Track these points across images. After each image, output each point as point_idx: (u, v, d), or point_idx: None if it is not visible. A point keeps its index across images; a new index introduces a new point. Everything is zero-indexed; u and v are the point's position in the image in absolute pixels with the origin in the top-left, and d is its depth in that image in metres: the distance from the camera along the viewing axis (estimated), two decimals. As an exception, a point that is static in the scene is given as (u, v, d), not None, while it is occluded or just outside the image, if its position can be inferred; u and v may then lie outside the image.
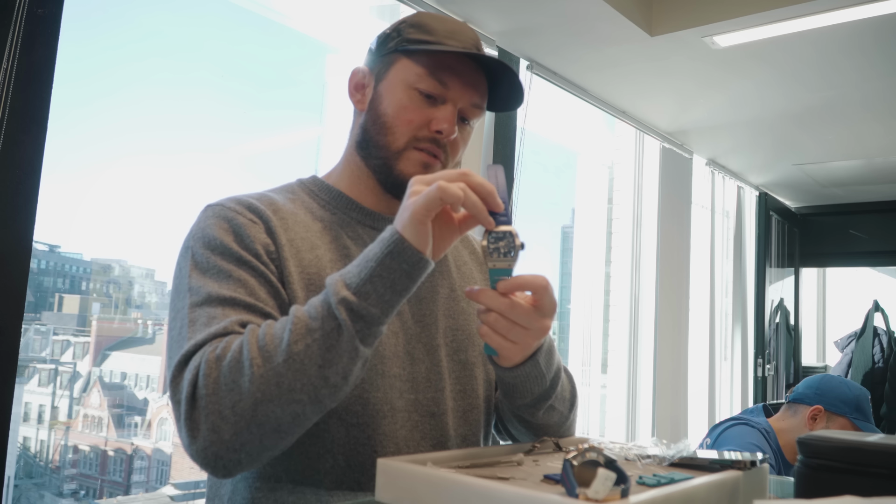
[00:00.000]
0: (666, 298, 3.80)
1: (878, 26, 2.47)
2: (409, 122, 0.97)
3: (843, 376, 4.69)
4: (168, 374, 0.81)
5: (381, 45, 1.02)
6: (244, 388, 0.75)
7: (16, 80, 1.44)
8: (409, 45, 0.98)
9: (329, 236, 0.97)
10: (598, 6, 2.43)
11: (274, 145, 2.30)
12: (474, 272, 1.12)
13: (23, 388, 2.39)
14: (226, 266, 0.87)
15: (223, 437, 0.75)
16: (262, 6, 2.41)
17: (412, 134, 0.97)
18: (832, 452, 0.73)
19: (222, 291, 0.85)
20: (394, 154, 0.97)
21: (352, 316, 0.77)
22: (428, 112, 0.97)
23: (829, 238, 5.42)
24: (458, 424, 1.00)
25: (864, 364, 4.69)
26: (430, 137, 0.97)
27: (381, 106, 0.99)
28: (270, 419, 0.76)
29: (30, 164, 1.47)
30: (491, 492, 0.65)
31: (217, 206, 0.94)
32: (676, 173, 3.96)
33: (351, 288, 0.77)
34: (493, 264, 0.80)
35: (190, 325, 0.83)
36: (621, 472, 0.62)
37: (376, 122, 0.99)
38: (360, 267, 0.79)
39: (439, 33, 0.98)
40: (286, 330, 0.77)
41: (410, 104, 0.97)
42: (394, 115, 0.97)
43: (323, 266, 0.93)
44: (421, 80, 0.96)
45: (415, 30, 0.99)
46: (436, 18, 1.01)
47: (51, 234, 2.08)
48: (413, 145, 0.97)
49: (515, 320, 0.81)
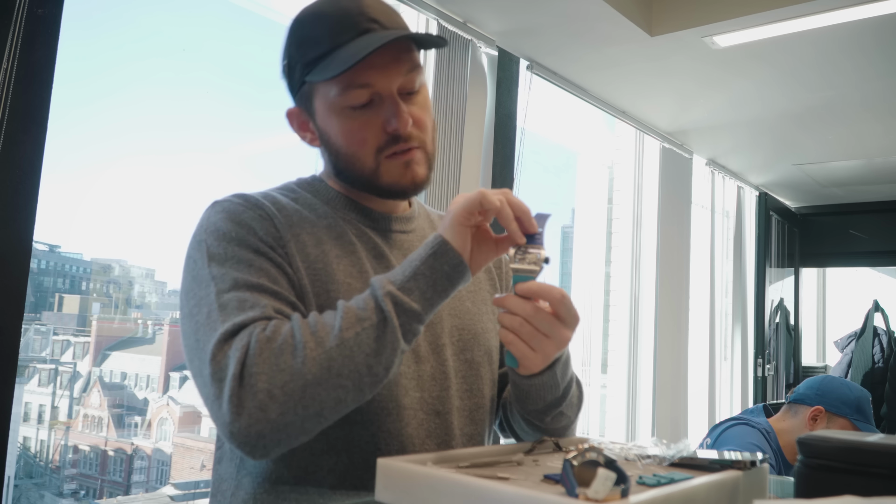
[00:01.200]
0: (666, 298, 3.80)
1: (878, 26, 2.47)
2: (364, 142, 0.94)
3: (843, 376, 4.70)
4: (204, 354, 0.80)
5: (289, 80, 0.98)
6: (296, 368, 0.77)
7: (16, 80, 1.44)
8: (309, 70, 0.93)
9: (334, 232, 0.96)
10: (598, 6, 2.43)
11: (274, 145, 2.30)
12: (480, 274, 1.11)
13: (23, 388, 2.39)
14: (245, 255, 0.87)
15: (270, 415, 0.76)
16: (262, 6, 2.41)
17: (374, 148, 0.94)
18: (832, 452, 0.73)
19: (249, 278, 0.85)
20: (370, 174, 0.95)
21: (397, 309, 0.80)
22: (372, 120, 0.93)
23: (829, 238, 5.43)
24: (463, 423, 1.00)
25: (864, 364, 4.69)
26: (391, 138, 0.94)
27: (331, 140, 0.96)
28: (316, 402, 0.78)
29: (30, 164, 1.47)
30: (491, 492, 0.65)
31: (225, 202, 0.93)
32: (676, 173, 3.96)
33: (396, 284, 0.81)
34: (517, 268, 0.84)
35: (220, 309, 0.82)
36: (621, 472, 0.62)
37: (339, 158, 0.96)
38: (405, 267, 0.83)
39: (327, 35, 0.92)
40: (337, 318, 0.80)
41: (352, 124, 0.93)
42: (346, 142, 0.94)
43: (329, 261, 0.93)
44: (344, 98, 0.92)
45: (305, 49, 0.93)
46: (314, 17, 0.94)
47: (51, 234, 2.08)
48: (383, 156, 0.94)
49: (538, 327, 0.83)
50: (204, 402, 0.82)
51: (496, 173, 2.72)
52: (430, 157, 0.98)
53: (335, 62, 0.89)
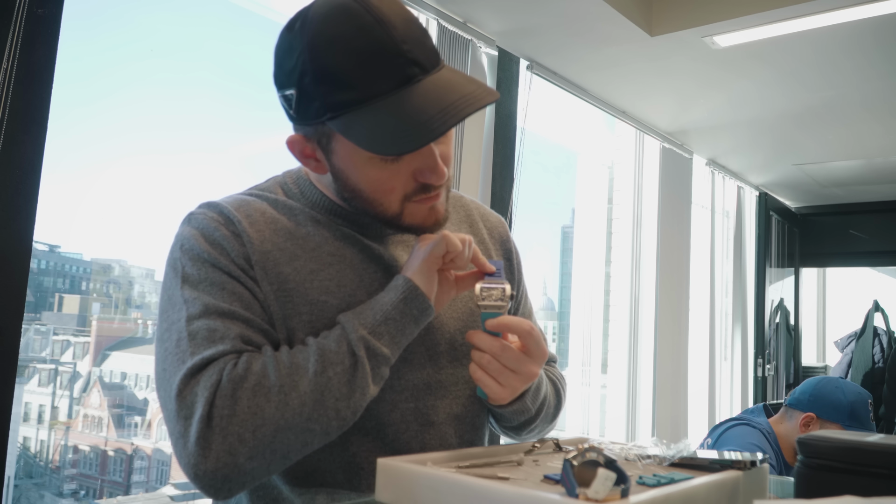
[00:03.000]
0: (666, 298, 3.80)
1: (878, 26, 2.47)
2: (392, 191, 0.86)
3: (843, 376, 4.70)
4: (170, 387, 0.78)
5: (301, 110, 0.83)
6: (269, 413, 0.75)
7: (16, 80, 1.44)
8: (336, 114, 0.80)
9: (312, 243, 0.91)
10: (598, 6, 2.43)
11: (274, 145, 2.30)
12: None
13: (23, 388, 2.39)
14: (218, 278, 0.84)
15: (238, 460, 0.74)
16: (262, 6, 2.41)
17: (401, 196, 0.87)
18: (832, 452, 0.73)
19: (220, 304, 0.82)
20: (392, 216, 0.89)
21: (368, 353, 0.81)
22: (403, 169, 0.84)
23: (829, 238, 5.43)
24: (463, 431, 0.97)
25: (864, 364, 4.69)
26: (422, 186, 0.86)
27: (351, 182, 0.87)
28: (284, 446, 0.77)
29: (30, 164, 1.47)
30: (491, 492, 0.65)
31: (199, 215, 0.89)
32: (676, 173, 3.96)
33: (367, 327, 0.81)
34: (485, 304, 0.86)
35: (190, 338, 0.80)
36: (621, 472, 0.62)
37: (358, 197, 0.88)
38: (375, 310, 0.83)
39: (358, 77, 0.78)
40: (311, 359, 0.79)
41: (382, 174, 0.84)
42: (372, 190, 0.86)
43: (303, 279, 0.88)
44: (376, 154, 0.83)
45: (327, 86, 0.79)
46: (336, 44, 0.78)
47: (51, 234, 2.08)
48: (409, 201, 0.87)
49: (505, 363, 0.85)
50: (169, 436, 0.79)
51: (496, 173, 2.72)
52: (449, 190, 0.93)
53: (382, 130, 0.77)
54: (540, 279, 3.89)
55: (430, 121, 0.77)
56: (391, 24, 0.79)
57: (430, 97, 0.78)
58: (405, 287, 0.84)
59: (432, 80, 0.80)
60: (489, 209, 1.15)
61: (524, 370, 0.86)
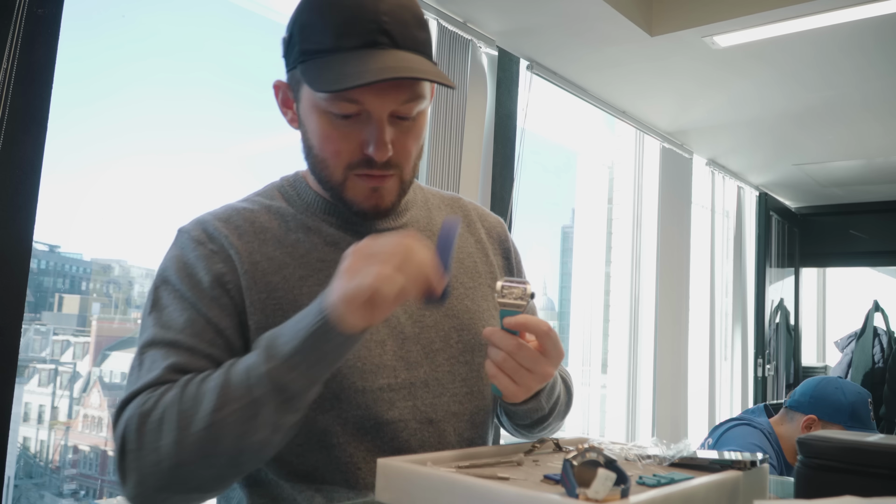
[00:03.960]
0: (666, 298, 3.80)
1: (878, 26, 2.47)
2: (337, 154, 0.88)
3: (844, 376, 4.70)
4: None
5: (287, 55, 0.89)
6: (163, 450, 0.76)
7: (16, 80, 1.44)
8: (304, 59, 0.85)
9: (302, 249, 0.92)
10: (598, 6, 2.43)
11: (274, 145, 2.30)
12: (478, 265, 1.06)
13: (23, 388, 2.39)
14: (173, 307, 0.87)
15: (147, 491, 0.77)
16: (262, 6, 2.41)
17: (346, 163, 0.88)
18: (832, 452, 0.73)
19: (166, 335, 0.85)
20: (337, 185, 0.90)
21: (276, 388, 0.75)
22: (352, 134, 0.86)
23: (829, 238, 5.43)
24: (462, 429, 0.97)
25: (864, 364, 4.69)
26: (366, 160, 0.87)
27: (308, 135, 0.90)
28: (192, 479, 0.77)
29: (30, 164, 1.47)
30: (491, 492, 0.65)
31: (184, 233, 0.92)
32: (676, 173, 3.96)
33: (278, 358, 0.75)
34: (504, 302, 0.85)
35: (138, 367, 0.85)
36: (621, 472, 0.62)
37: (310, 154, 0.91)
38: (292, 336, 0.75)
39: (331, 30, 0.84)
40: (207, 395, 0.76)
41: (331, 131, 0.87)
42: (319, 146, 0.89)
43: (291, 287, 0.90)
44: (330, 104, 0.85)
45: (306, 33, 0.85)
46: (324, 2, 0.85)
47: (51, 234, 2.08)
48: (352, 173, 0.89)
49: (521, 362, 0.84)
50: None
51: (496, 173, 2.72)
52: (404, 185, 0.93)
53: (328, 72, 0.82)
54: (540, 279, 3.89)
55: (365, 72, 0.80)
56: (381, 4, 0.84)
57: (382, 61, 0.82)
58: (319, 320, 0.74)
59: (396, 53, 0.84)
60: (488, 210, 1.16)
61: (540, 370, 0.85)
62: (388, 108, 0.85)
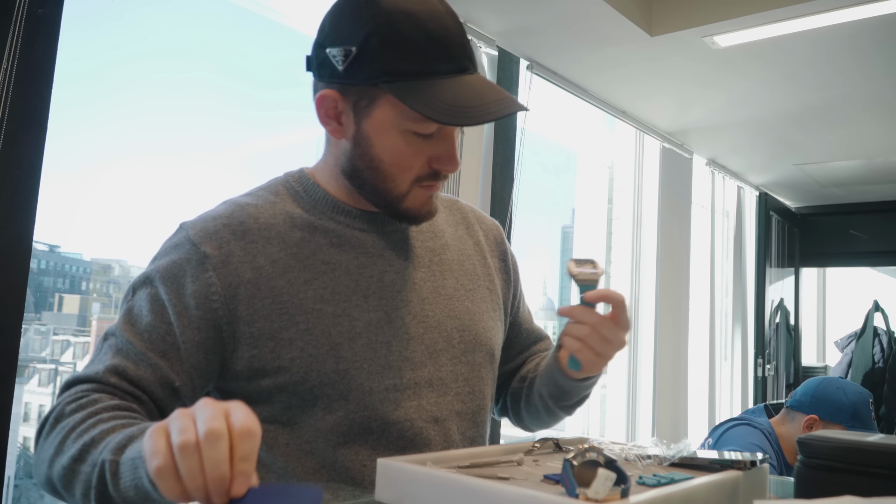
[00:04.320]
0: (666, 298, 3.80)
1: (878, 26, 2.47)
2: (410, 168, 0.90)
3: (844, 376, 4.70)
4: None
5: (353, 68, 0.86)
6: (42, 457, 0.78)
7: (16, 80, 1.44)
8: (393, 79, 0.84)
9: (307, 250, 0.92)
10: (598, 6, 2.43)
11: (274, 145, 2.30)
12: (477, 267, 1.07)
13: (23, 388, 2.39)
14: (149, 306, 0.87)
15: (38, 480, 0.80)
16: (262, 6, 2.41)
17: (414, 176, 0.91)
18: (832, 452, 0.73)
19: (125, 332, 0.86)
20: (400, 196, 0.92)
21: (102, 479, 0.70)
22: (427, 150, 0.90)
23: (829, 238, 5.42)
24: (465, 427, 0.99)
25: (864, 364, 4.69)
26: (434, 173, 0.91)
27: (374, 150, 0.90)
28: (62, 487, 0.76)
29: (30, 164, 1.47)
30: (491, 492, 0.65)
31: (184, 231, 0.91)
32: (676, 173, 3.96)
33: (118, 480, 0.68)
34: (584, 278, 0.89)
35: (97, 350, 0.87)
36: (621, 472, 0.62)
37: (371, 168, 0.91)
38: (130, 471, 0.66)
39: (424, 53, 0.84)
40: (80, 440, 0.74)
41: (408, 148, 0.89)
42: (391, 162, 0.89)
43: (297, 291, 0.89)
44: (416, 125, 0.87)
45: (392, 51, 0.84)
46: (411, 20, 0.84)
47: (51, 234, 2.08)
48: (418, 184, 0.92)
49: (604, 333, 0.89)
50: None
51: (496, 173, 2.72)
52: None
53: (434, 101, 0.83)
54: (540, 279, 3.89)
55: (485, 105, 0.84)
56: (456, 21, 0.88)
57: (480, 89, 0.86)
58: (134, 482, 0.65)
59: (479, 78, 0.88)
60: (485, 214, 1.18)
61: (618, 339, 0.90)
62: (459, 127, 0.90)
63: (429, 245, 1.02)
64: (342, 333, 0.90)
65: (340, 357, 0.89)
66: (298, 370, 0.88)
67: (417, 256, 1.00)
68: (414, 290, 0.97)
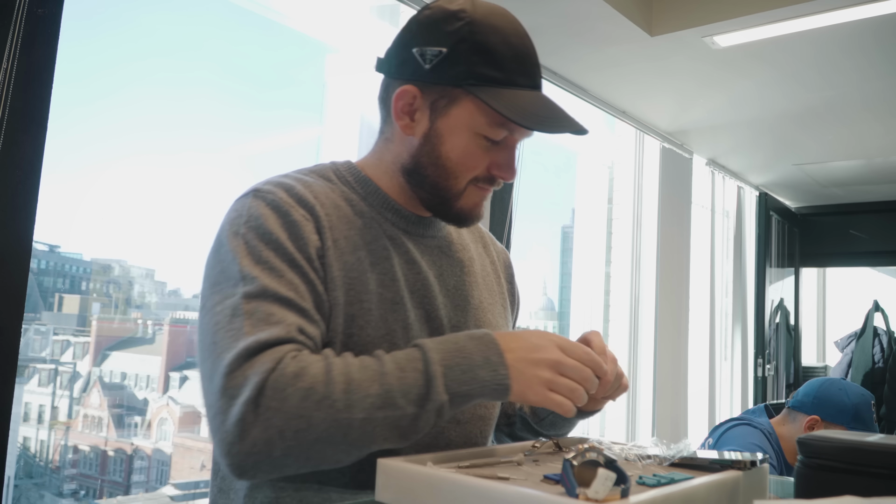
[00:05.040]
0: (666, 298, 3.80)
1: (878, 26, 2.47)
2: (473, 169, 0.95)
3: (844, 376, 4.70)
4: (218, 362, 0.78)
5: (440, 68, 0.91)
6: (314, 421, 0.75)
7: (16, 80, 1.44)
8: (478, 83, 0.90)
9: (370, 235, 0.95)
10: (598, 6, 2.43)
11: (274, 145, 2.30)
12: (493, 284, 1.12)
13: (23, 388, 2.39)
14: (278, 264, 0.84)
15: (273, 453, 0.75)
16: (262, 6, 2.41)
17: (472, 177, 0.96)
18: (832, 452, 0.73)
19: (279, 289, 0.83)
20: (456, 193, 0.96)
21: (437, 416, 0.80)
22: (491, 155, 0.95)
23: (829, 238, 5.42)
24: (488, 431, 1.03)
25: (864, 364, 4.69)
26: (490, 178, 0.96)
27: (443, 147, 0.94)
28: (318, 456, 0.77)
29: (30, 164, 1.47)
30: (491, 492, 0.65)
31: (269, 193, 0.89)
32: (676, 173, 3.96)
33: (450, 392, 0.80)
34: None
35: (247, 315, 0.80)
36: (621, 472, 0.62)
37: (435, 164, 0.95)
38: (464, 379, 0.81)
39: (507, 64, 0.91)
40: (375, 388, 0.78)
41: (476, 151, 0.94)
42: (458, 161, 0.94)
43: (364, 269, 0.92)
44: (487, 128, 0.93)
45: (481, 58, 0.90)
46: (498, 33, 0.91)
47: (51, 234, 2.08)
48: (474, 184, 0.96)
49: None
50: (206, 410, 0.80)
51: (496, 173, 2.72)
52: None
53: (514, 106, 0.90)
54: (540, 279, 3.89)
55: (558, 119, 0.92)
56: (533, 44, 0.96)
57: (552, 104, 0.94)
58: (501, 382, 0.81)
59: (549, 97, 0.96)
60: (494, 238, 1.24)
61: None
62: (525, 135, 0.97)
63: (459, 256, 1.06)
64: (397, 321, 0.92)
65: (394, 344, 0.91)
66: (353, 347, 0.89)
67: (451, 265, 1.04)
68: (447, 296, 1.00)
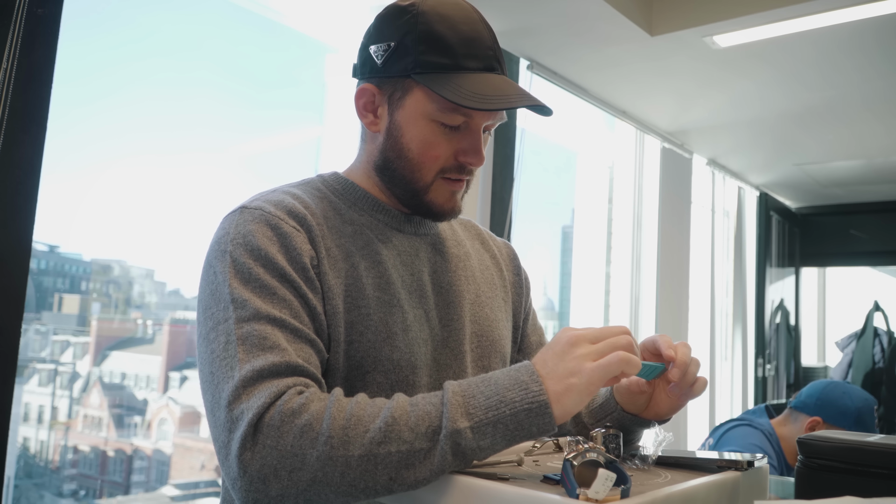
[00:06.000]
0: (666, 298, 3.80)
1: (878, 26, 2.47)
2: (436, 158, 0.94)
3: (844, 376, 4.70)
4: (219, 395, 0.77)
5: (390, 62, 0.93)
6: (309, 460, 0.72)
7: (16, 80, 1.44)
8: (425, 71, 0.90)
9: (361, 241, 0.94)
10: (598, 6, 2.43)
11: (274, 145, 2.30)
12: (494, 278, 1.11)
13: (23, 388, 2.39)
14: (269, 282, 0.83)
15: (270, 491, 0.73)
16: (262, 6, 2.41)
17: (440, 167, 0.94)
18: (832, 452, 0.73)
19: (271, 310, 0.81)
20: (424, 187, 0.95)
21: (455, 451, 0.72)
22: (453, 142, 0.94)
23: (829, 238, 5.43)
24: None
25: (864, 364, 4.69)
26: (459, 166, 0.95)
27: (403, 139, 0.94)
28: (319, 499, 0.73)
29: (30, 164, 1.47)
30: (491, 492, 0.65)
31: (256, 208, 0.88)
32: (676, 173, 3.96)
33: (472, 419, 0.72)
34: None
35: (240, 342, 0.78)
36: (621, 472, 0.62)
37: (400, 157, 0.95)
38: (489, 404, 0.73)
39: (455, 50, 0.91)
40: (377, 423, 0.73)
41: (435, 139, 0.93)
42: (419, 151, 0.93)
43: (359, 275, 0.91)
44: (441, 115, 0.92)
45: (427, 47, 0.91)
46: (445, 21, 0.92)
47: (51, 234, 2.08)
48: (441, 176, 0.95)
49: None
50: (212, 439, 0.78)
51: (496, 173, 2.72)
52: (467, 190, 1.00)
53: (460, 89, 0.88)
54: (540, 279, 3.89)
55: (506, 96, 0.90)
56: (488, 28, 0.97)
57: (504, 84, 0.92)
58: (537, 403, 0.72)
59: (505, 77, 0.95)
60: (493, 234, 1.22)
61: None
62: (486, 123, 0.95)
63: (454, 252, 1.05)
64: (397, 323, 0.92)
65: (395, 346, 0.90)
66: (356, 354, 0.88)
67: (446, 261, 1.03)
68: (442, 293, 1.00)
